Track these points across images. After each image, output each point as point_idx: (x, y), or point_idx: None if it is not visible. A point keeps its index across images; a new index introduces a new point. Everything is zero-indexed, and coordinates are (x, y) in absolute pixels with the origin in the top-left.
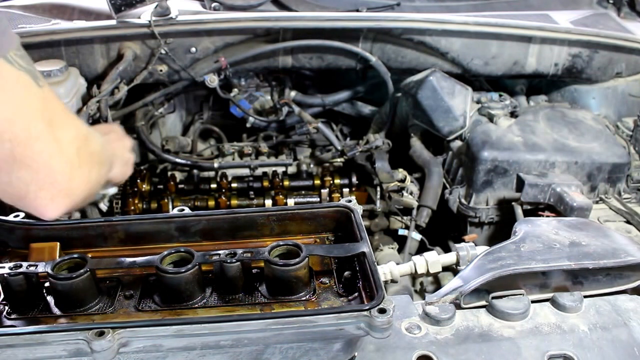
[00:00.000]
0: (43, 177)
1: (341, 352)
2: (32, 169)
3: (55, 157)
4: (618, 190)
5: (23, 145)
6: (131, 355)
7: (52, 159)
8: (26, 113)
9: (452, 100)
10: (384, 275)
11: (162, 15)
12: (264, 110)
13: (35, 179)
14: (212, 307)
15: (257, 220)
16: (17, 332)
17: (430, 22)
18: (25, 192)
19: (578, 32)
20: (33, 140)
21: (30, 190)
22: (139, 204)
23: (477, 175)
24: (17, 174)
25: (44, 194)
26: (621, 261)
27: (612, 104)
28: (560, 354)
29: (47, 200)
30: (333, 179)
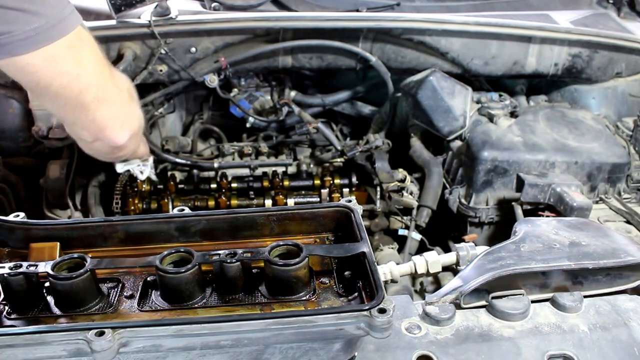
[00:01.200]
0: (116, 111)
1: (341, 352)
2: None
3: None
4: (618, 190)
5: (103, 88)
6: (131, 355)
7: (119, 97)
8: (103, 65)
9: (452, 100)
10: (384, 275)
11: (162, 15)
12: (263, 110)
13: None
14: (212, 307)
15: (257, 220)
16: (17, 332)
17: (430, 22)
18: (105, 125)
19: (578, 32)
20: (109, 84)
21: (109, 123)
22: (139, 204)
23: (477, 175)
24: (101, 112)
25: (118, 124)
26: (621, 261)
27: (612, 104)
28: (560, 354)
29: (119, 129)
30: (333, 179)
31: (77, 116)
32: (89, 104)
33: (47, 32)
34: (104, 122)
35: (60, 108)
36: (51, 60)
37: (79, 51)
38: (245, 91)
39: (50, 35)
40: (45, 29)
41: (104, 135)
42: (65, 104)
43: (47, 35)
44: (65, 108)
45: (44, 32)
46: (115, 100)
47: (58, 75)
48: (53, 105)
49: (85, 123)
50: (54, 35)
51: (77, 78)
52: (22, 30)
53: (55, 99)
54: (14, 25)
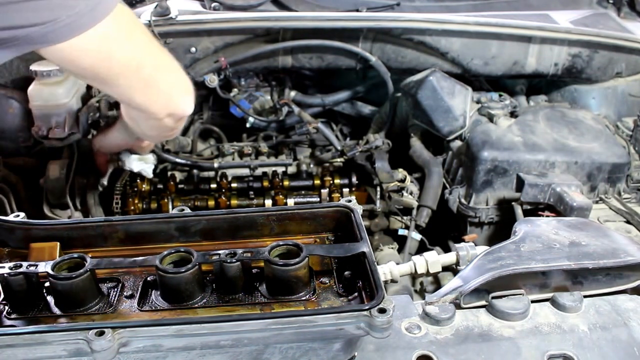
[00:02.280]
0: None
1: (341, 352)
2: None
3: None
4: (618, 190)
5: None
6: (131, 355)
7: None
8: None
9: (452, 100)
10: (384, 275)
11: (162, 15)
12: (263, 110)
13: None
14: (212, 307)
15: (257, 220)
16: (17, 332)
17: (430, 22)
18: (172, 93)
19: (578, 32)
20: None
21: (175, 91)
22: (139, 204)
23: (477, 175)
24: (164, 81)
25: (182, 90)
26: (621, 261)
27: (612, 104)
28: (560, 354)
29: (185, 95)
30: (333, 179)
31: (144, 93)
32: (151, 76)
33: (93, 13)
34: (170, 91)
35: (126, 90)
36: (104, 38)
37: (126, 26)
38: (245, 91)
39: (96, 15)
40: (90, 10)
41: (175, 105)
42: (130, 83)
43: (94, 15)
44: (130, 88)
45: (89, 13)
46: (172, 67)
47: (115, 53)
48: (118, 89)
49: (154, 97)
50: (101, 14)
51: (133, 51)
52: (67, 15)
53: (118, 80)
54: (58, 11)
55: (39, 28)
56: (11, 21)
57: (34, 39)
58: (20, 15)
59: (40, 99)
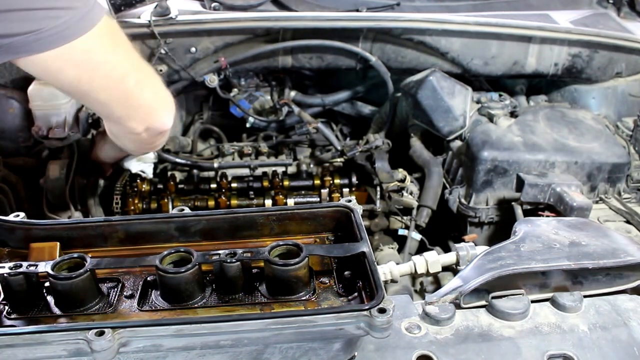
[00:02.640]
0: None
1: (341, 351)
2: (152, 88)
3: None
4: (618, 190)
5: (141, 71)
6: (131, 355)
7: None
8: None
9: (452, 100)
10: (384, 275)
11: (162, 15)
12: (263, 110)
13: (155, 95)
14: (212, 307)
15: (257, 220)
16: (17, 332)
17: (430, 22)
18: (152, 108)
19: (578, 32)
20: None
21: (155, 106)
22: (139, 204)
23: (477, 175)
24: (145, 95)
25: (162, 105)
26: (621, 261)
27: (612, 104)
28: (560, 354)
29: (164, 110)
30: (333, 179)
31: (124, 107)
32: (133, 90)
33: (79, 24)
34: (150, 105)
35: (106, 103)
36: (88, 51)
37: (111, 39)
38: (245, 91)
39: (82, 27)
40: (75, 21)
41: (153, 120)
42: (111, 96)
43: (79, 27)
44: (110, 102)
45: (75, 25)
46: (154, 81)
47: (97, 66)
48: (98, 102)
49: (133, 111)
50: (86, 26)
51: (116, 64)
52: (52, 26)
53: (99, 93)
54: (43, 22)
55: (22, 38)
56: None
57: (16, 48)
58: (3, 25)
59: (40, 99)
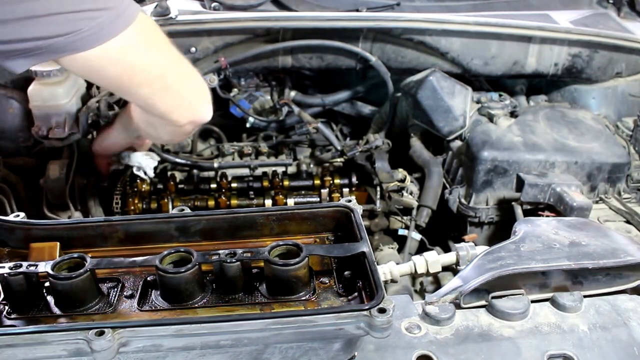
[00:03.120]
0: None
1: (341, 351)
2: (190, 81)
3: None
4: (618, 190)
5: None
6: (131, 355)
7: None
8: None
9: (452, 100)
10: (384, 275)
11: (162, 15)
12: (263, 110)
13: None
14: (212, 307)
15: (257, 220)
16: (17, 332)
17: (430, 22)
18: (193, 101)
19: (578, 32)
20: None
21: (195, 98)
22: (139, 204)
23: (477, 175)
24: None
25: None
26: (621, 261)
27: (612, 104)
28: (560, 354)
29: (205, 102)
30: (333, 179)
31: (166, 101)
32: (173, 85)
33: (115, 24)
34: (191, 99)
35: (148, 99)
36: (127, 49)
37: (148, 35)
38: (245, 91)
39: (118, 26)
40: (111, 21)
41: (195, 113)
42: (152, 92)
43: (115, 26)
44: (153, 97)
45: (111, 24)
46: (192, 74)
47: (136, 63)
48: (140, 97)
49: (175, 106)
50: (122, 25)
51: (155, 60)
52: (89, 26)
53: (140, 89)
54: (80, 23)
55: (63, 39)
56: (34, 33)
57: (57, 49)
58: (43, 28)
59: (40, 99)
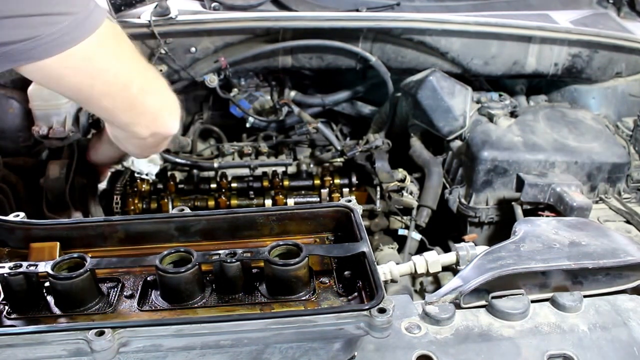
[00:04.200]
0: (163, 98)
1: (341, 351)
2: (156, 93)
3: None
4: (618, 190)
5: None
6: (131, 355)
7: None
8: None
9: (452, 100)
10: (384, 275)
11: (162, 15)
12: (263, 110)
13: (160, 100)
14: (212, 307)
15: (257, 220)
16: (17, 332)
17: (430, 22)
18: (157, 114)
19: (578, 32)
20: (149, 72)
21: (160, 111)
22: (139, 204)
23: (477, 175)
24: (149, 102)
25: (168, 110)
26: (621, 261)
27: (612, 103)
28: (560, 354)
29: (170, 115)
30: (333, 179)
31: (128, 113)
32: (136, 96)
33: (78, 30)
34: (155, 111)
35: (109, 110)
36: (89, 58)
37: (112, 44)
38: (245, 91)
39: (81, 33)
40: (74, 27)
41: (159, 125)
42: (114, 104)
43: (78, 32)
44: (114, 108)
45: (73, 31)
46: (159, 86)
47: (99, 73)
48: (101, 108)
49: (138, 118)
50: (86, 32)
51: (118, 72)
52: (50, 32)
53: (102, 99)
54: (40, 29)
55: (20, 45)
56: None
57: (15, 56)
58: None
59: (40, 99)
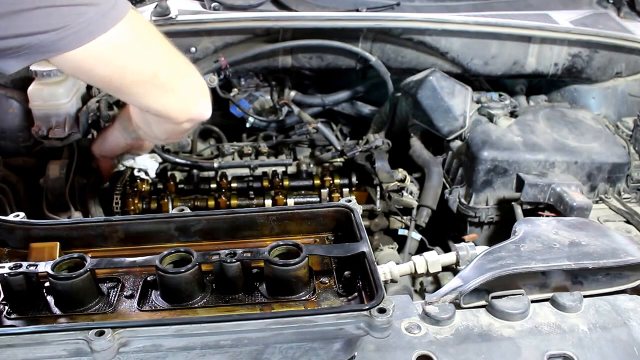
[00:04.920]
0: (194, 83)
1: (341, 351)
2: (187, 78)
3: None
4: (618, 190)
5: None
6: (131, 355)
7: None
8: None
9: (452, 100)
10: (384, 275)
11: (162, 15)
12: (263, 110)
13: (191, 85)
14: (212, 307)
15: (257, 220)
16: (17, 332)
17: (430, 22)
18: (190, 100)
19: (578, 32)
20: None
21: (192, 96)
22: (139, 204)
23: (477, 175)
24: (181, 88)
25: (200, 94)
26: (621, 261)
27: (612, 103)
28: (560, 354)
29: (202, 99)
30: (333, 179)
31: (161, 99)
32: (167, 83)
33: (104, 20)
34: (188, 97)
35: (143, 96)
36: (117, 47)
37: (140, 31)
38: (245, 91)
39: (107, 22)
40: (100, 17)
41: (193, 110)
42: (146, 91)
43: (104, 22)
44: (146, 96)
45: (99, 20)
46: (189, 71)
47: (128, 61)
48: (134, 95)
49: (172, 103)
50: (111, 22)
51: (147, 59)
52: (78, 22)
53: (133, 87)
54: (68, 18)
55: (49, 35)
56: (21, 29)
57: (45, 47)
58: (30, 23)
59: (40, 99)
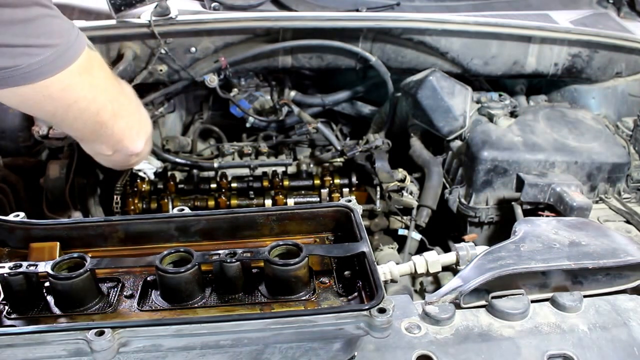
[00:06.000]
0: (131, 121)
1: (341, 351)
2: (125, 117)
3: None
4: (618, 190)
5: (117, 103)
6: (131, 355)
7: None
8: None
9: (452, 100)
10: (384, 275)
11: (162, 15)
12: (263, 110)
13: (128, 123)
14: (212, 307)
15: (257, 220)
16: (17, 332)
17: (430, 22)
18: (122, 136)
19: (578, 32)
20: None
21: (126, 134)
22: (139, 204)
23: (477, 175)
24: (118, 125)
25: (134, 133)
26: (621, 261)
27: (612, 103)
28: (560, 354)
29: (135, 137)
30: (333, 179)
31: (95, 134)
32: (107, 121)
33: (57, 62)
34: (121, 134)
35: (78, 130)
36: (65, 88)
37: (90, 73)
38: (245, 91)
39: (60, 64)
40: (54, 59)
41: (123, 146)
42: (84, 126)
43: (57, 64)
44: (83, 129)
45: (52, 62)
46: (129, 110)
47: (76, 101)
48: (71, 128)
49: (104, 138)
50: (64, 63)
51: (93, 100)
52: (29, 63)
53: (74, 122)
54: (20, 59)
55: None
56: None
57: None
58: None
59: None
